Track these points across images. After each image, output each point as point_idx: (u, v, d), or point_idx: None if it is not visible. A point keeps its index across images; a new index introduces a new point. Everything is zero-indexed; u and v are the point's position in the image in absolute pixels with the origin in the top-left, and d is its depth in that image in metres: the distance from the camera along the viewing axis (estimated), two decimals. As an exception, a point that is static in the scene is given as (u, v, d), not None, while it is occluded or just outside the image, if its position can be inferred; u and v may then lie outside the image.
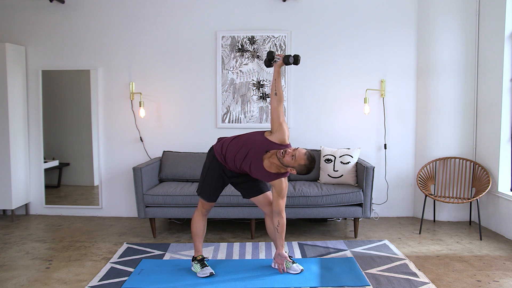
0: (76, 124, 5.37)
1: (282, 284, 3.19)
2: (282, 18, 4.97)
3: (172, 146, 5.06)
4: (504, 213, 4.32)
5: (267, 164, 3.14)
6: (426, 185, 4.67)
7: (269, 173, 3.15)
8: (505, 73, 4.31)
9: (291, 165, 3.05)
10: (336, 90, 5.02)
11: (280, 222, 3.26)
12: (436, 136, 4.86)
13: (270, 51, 3.25)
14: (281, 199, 3.22)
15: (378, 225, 4.76)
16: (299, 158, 3.02)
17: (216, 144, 3.36)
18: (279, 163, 3.08)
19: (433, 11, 4.82)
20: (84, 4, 5.03)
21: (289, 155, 3.03)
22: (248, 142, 3.20)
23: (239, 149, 3.19)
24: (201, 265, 3.35)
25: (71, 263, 3.62)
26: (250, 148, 3.16)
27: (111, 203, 5.13)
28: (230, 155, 3.22)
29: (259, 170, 3.15)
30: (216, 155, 3.30)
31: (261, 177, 3.20)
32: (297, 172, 3.08)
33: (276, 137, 3.15)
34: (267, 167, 3.14)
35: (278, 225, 3.26)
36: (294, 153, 3.03)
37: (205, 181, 3.34)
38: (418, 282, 3.18)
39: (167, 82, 5.05)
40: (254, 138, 3.21)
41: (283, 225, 3.27)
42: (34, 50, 5.08)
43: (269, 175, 3.16)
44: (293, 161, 3.03)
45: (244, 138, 3.25)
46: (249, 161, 3.15)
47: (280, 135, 3.15)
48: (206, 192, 3.34)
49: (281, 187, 3.19)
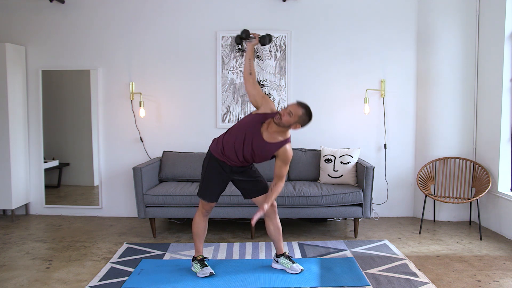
0: (76, 124, 5.37)
1: (282, 284, 3.19)
2: (282, 18, 4.97)
3: (172, 146, 5.06)
4: (504, 213, 4.32)
5: (267, 136, 3.13)
6: (426, 185, 4.67)
7: (273, 144, 3.13)
8: (505, 73, 4.31)
9: (292, 121, 3.05)
10: (336, 90, 5.02)
11: (277, 184, 3.20)
12: (436, 136, 4.86)
13: (245, 29, 3.27)
14: (284, 166, 3.19)
15: (378, 225, 4.76)
16: (295, 110, 3.05)
17: (211, 145, 3.35)
18: (279, 128, 3.10)
19: (433, 11, 4.82)
20: (84, 4, 5.03)
21: (285, 114, 3.05)
22: (241, 126, 3.21)
23: (236, 136, 3.19)
24: (201, 265, 3.35)
25: (71, 263, 3.62)
26: (246, 129, 3.16)
27: (111, 203, 5.13)
28: (229, 146, 3.20)
29: (262, 146, 3.13)
30: (214, 153, 3.28)
31: (267, 151, 3.14)
32: (301, 124, 3.09)
33: (265, 108, 3.20)
34: (269, 139, 3.13)
35: (274, 185, 3.21)
36: (288, 109, 3.05)
37: (204, 182, 3.33)
38: (418, 282, 3.18)
39: (167, 82, 5.05)
40: (246, 120, 3.24)
41: (280, 187, 3.21)
42: (34, 50, 5.08)
43: (275, 146, 3.13)
44: (291, 117, 3.04)
45: (236, 125, 3.27)
46: (249, 142, 3.13)
47: (267, 105, 3.21)
48: (206, 193, 3.33)
49: (286, 155, 3.15)
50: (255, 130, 3.14)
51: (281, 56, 4.96)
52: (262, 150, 3.14)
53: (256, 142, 3.13)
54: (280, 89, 5.00)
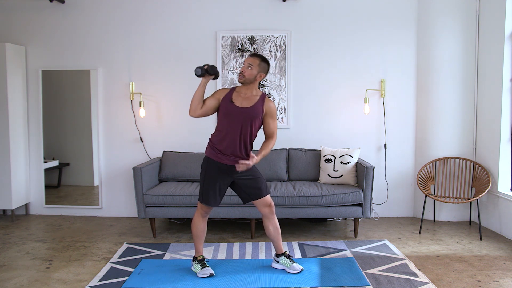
0: (76, 124, 5.37)
1: (282, 284, 3.19)
2: (282, 18, 4.97)
3: (172, 146, 5.06)
4: (504, 213, 4.32)
5: (245, 103, 3.21)
6: (426, 185, 4.67)
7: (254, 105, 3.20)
8: (505, 73, 4.31)
9: (256, 72, 3.19)
10: (336, 90, 5.01)
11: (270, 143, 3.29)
12: (436, 136, 4.86)
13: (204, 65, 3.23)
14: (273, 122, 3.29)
15: (378, 225, 4.76)
16: (253, 62, 3.19)
17: (206, 150, 3.36)
18: (249, 87, 3.24)
19: (433, 11, 4.82)
20: (84, 4, 5.03)
21: (246, 70, 3.18)
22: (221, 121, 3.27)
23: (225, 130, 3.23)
24: (201, 265, 3.35)
25: (71, 263, 3.62)
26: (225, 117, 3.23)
27: (111, 203, 5.13)
28: (222, 143, 3.23)
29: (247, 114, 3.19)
30: (211, 156, 3.28)
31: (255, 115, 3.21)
32: (264, 72, 3.23)
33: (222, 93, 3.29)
34: (248, 104, 3.21)
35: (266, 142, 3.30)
36: (246, 63, 3.19)
37: (206, 187, 3.31)
38: (418, 282, 3.18)
39: (167, 82, 5.05)
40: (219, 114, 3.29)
41: (271, 144, 3.29)
42: (34, 50, 5.08)
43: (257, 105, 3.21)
44: (253, 69, 3.18)
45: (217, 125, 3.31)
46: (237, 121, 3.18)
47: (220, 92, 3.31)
48: (210, 199, 3.30)
49: (271, 110, 3.26)
50: (233, 109, 3.20)
51: (281, 56, 4.96)
52: (252, 117, 3.21)
53: (243, 116, 3.20)
54: (280, 89, 5.00)
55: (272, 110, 3.29)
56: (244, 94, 3.25)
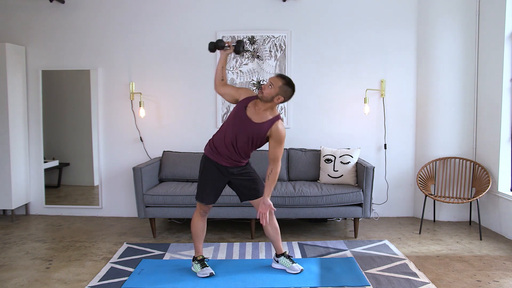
0: (76, 124, 5.37)
1: (282, 284, 3.19)
2: (282, 18, 4.97)
3: (172, 146, 5.06)
4: (504, 213, 4.32)
5: (256, 117, 3.13)
6: (426, 185, 4.67)
7: (263, 123, 3.13)
8: (505, 73, 4.31)
9: (274, 93, 3.07)
10: (336, 90, 5.01)
11: (273, 170, 3.18)
12: (436, 136, 4.86)
13: (220, 39, 3.27)
14: (278, 147, 3.15)
15: (378, 225, 4.76)
16: (275, 82, 3.08)
17: (204, 149, 3.36)
18: (264, 103, 3.12)
19: (433, 11, 4.82)
20: (84, 4, 5.03)
21: (266, 88, 3.08)
22: (228, 121, 3.23)
23: (225, 131, 3.20)
24: (201, 265, 3.35)
25: (71, 263, 3.62)
26: (232, 120, 3.19)
27: (111, 203, 5.13)
28: (220, 143, 3.22)
29: (252, 129, 3.13)
30: (208, 155, 3.28)
31: (259, 133, 3.13)
32: (284, 96, 3.10)
33: (246, 94, 3.23)
34: (258, 119, 3.13)
35: (270, 173, 3.19)
36: (269, 81, 3.09)
37: (202, 185, 3.32)
38: (418, 282, 3.18)
39: (167, 82, 5.05)
40: (230, 114, 3.25)
41: (276, 174, 3.19)
42: (34, 50, 5.08)
43: (265, 125, 3.13)
44: (273, 89, 3.07)
45: (223, 124, 3.29)
46: (239, 129, 3.14)
47: (247, 91, 3.27)
48: (204, 196, 3.32)
49: (279, 134, 3.13)
50: (241, 115, 3.15)
51: (281, 56, 4.96)
52: (254, 133, 3.14)
53: (246, 127, 3.13)
54: (280, 89, 5.00)
55: (279, 134, 3.12)
56: (259, 109, 3.14)
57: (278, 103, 3.14)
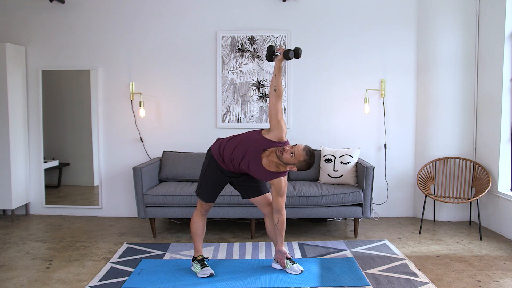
0: (76, 124, 5.37)
1: (282, 284, 3.19)
2: (282, 18, 4.97)
3: (172, 146, 5.06)
4: (504, 213, 4.32)
5: (266, 163, 3.12)
6: (426, 185, 4.66)
7: (269, 172, 3.14)
8: (505, 73, 4.31)
9: (291, 162, 3.02)
10: (336, 90, 5.01)
11: (279, 219, 3.27)
12: (436, 136, 4.86)
13: (270, 45, 3.19)
14: (280, 197, 3.22)
15: (378, 225, 4.76)
16: (298, 154, 3.00)
17: (214, 145, 3.35)
18: (278, 161, 3.06)
19: (433, 11, 4.82)
20: (84, 4, 5.03)
21: (287, 153, 3.00)
22: (245, 141, 3.19)
23: (237, 149, 3.18)
24: (201, 265, 3.35)
25: (71, 263, 3.62)
26: (248, 147, 3.15)
27: (111, 203, 5.13)
28: (228, 155, 3.21)
29: (258, 170, 3.14)
30: (214, 155, 3.29)
31: (261, 176, 3.18)
32: (298, 168, 3.06)
33: (274, 135, 3.13)
34: (266, 166, 3.13)
35: (277, 222, 3.28)
36: (293, 150, 3.00)
37: (203, 182, 3.34)
38: (418, 282, 3.18)
39: (167, 82, 5.05)
40: (251, 137, 3.20)
41: (283, 222, 3.28)
42: (34, 50, 5.08)
43: (269, 174, 3.15)
44: (292, 158, 3.00)
45: (241, 137, 3.24)
46: (247, 160, 3.14)
47: (277, 132, 3.13)
48: (205, 193, 3.33)
49: (280, 186, 3.18)
50: (256, 153, 3.13)
51: (281, 56, 4.95)
52: (257, 172, 3.16)
53: (253, 164, 3.14)
54: (280, 89, 5.00)
55: (278, 186, 3.16)
56: (271, 158, 3.10)
57: (288, 169, 3.13)
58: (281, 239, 3.35)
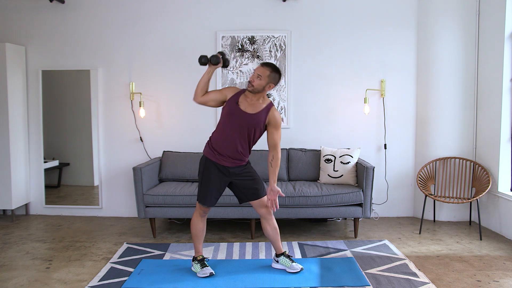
0: (76, 124, 5.37)
1: (282, 284, 3.19)
2: (282, 18, 4.97)
3: (172, 146, 5.06)
4: (504, 213, 4.32)
5: (251, 109, 3.20)
6: (426, 185, 4.67)
7: (259, 113, 3.19)
8: (505, 73, 4.31)
9: (264, 83, 3.14)
10: (336, 90, 5.02)
11: (274, 156, 3.27)
12: (436, 136, 4.86)
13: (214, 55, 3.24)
14: (276, 132, 3.25)
15: (378, 225, 4.76)
16: (262, 72, 3.13)
17: (204, 149, 3.37)
18: (257, 95, 3.19)
19: (433, 11, 4.82)
20: (84, 4, 5.03)
21: (255, 80, 3.14)
22: (222, 121, 3.26)
23: (222, 130, 3.24)
24: (201, 265, 3.35)
25: (71, 263, 3.62)
26: (227, 117, 3.22)
27: (111, 203, 5.13)
28: (220, 143, 3.24)
29: (251, 120, 3.18)
30: (208, 156, 3.28)
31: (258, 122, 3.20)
32: (274, 83, 3.18)
33: (231, 92, 3.27)
34: (253, 110, 3.19)
35: (272, 159, 3.28)
36: (256, 73, 3.15)
37: (203, 187, 3.32)
38: (418, 282, 3.18)
39: (167, 82, 5.05)
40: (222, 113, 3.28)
41: (278, 159, 3.28)
42: (34, 50, 5.08)
43: (262, 113, 3.20)
44: (262, 79, 3.14)
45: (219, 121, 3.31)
46: (237, 124, 3.18)
47: (230, 88, 3.31)
48: (206, 198, 3.31)
49: (275, 120, 3.23)
50: (236, 111, 3.19)
51: (281, 56, 4.96)
52: (253, 124, 3.20)
53: (244, 121, 3.18)
54: (280, 89, 5.00)
55: (276, 120, 3.24)
56: (250, 100, 3.21)
57: (269, 90, 3.23)
58: (274, 178, 3.28)
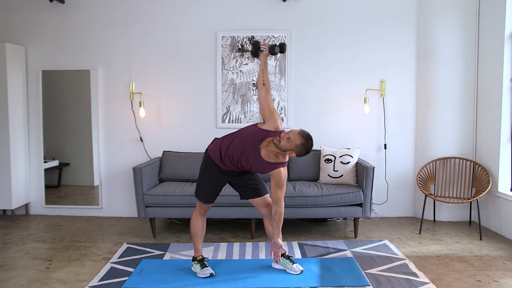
0: (76, 124, 5.37)
1: (282, 284, 3.19)
2: (282, 18, 4.97)
3: (172, 146, 5.06)
4: (504, 213, 4.32)
5: (265, 154, 3.12)
6: (426, 185, 4.66)
7: (269, 163, 3.13)
8: (505, 73, 4.31)
9: (289, 148, 3.02)
10: (336, 90, 5.02)
11: (277, 211, 3.24)
12: (436, 136, 4.86)
13: (255, 41, 3.25)
14: (279, 189, 3.19)
15: (378, 225, 4.76)
16: (294, 139, 3.00)
17: (210, 145, 3.34)
18: (277, 149, 3.07)
19: (433, 11, 4.82)
20: (84, 4, 5.03)
21: (284, 139, 3.01)
22: (242, 135, 3.19)
23: (234, 143, 3.18)
24: (201, 265, 3.35)
25: (71, 263, 3.62)
26: (245, 140, 3.15)
27: (111, 203, 5.13)
28: (225, 152, 3.20)
29: (257, 162, 3.13)
30: (212, 156, 3.28)
31: (260, 168, 3.16)
32: (297, 154, 3.06)
33: (270, 125, 3.15)
34: (266, 157, 3.12)
35: (275, 213, 3.25)
36: (289, 135, 3.02)
37: (202, 183, 3.33)
38: (418, 282, 3.18)
39: (167, 82, 5.05)
40: (248, 130, 3.21)
41: (281, 214, 3.24)
42: (34, 50, 5.08)
43: (269, 165, 3.14)
44: (289, 144, 3.01)
45: (238, 133, 3.25)
46: (246, 154, 3.13)
47: (273, 122, 3.15)
48: (203, 194, 3.33)
49: (280, 177, 3.16)
50: (254, 146, 3.13)
51: (281, 56, 4.96)
52: (257, 165, 3.15)
53: (253, 157, 3.13)
54: (280, 89, 5.00)
55: (278, 177, 3.14)
56: (270, 148, 3.11)
57: (289, 156, 3.13)
58: (277, 232, 3.30)
